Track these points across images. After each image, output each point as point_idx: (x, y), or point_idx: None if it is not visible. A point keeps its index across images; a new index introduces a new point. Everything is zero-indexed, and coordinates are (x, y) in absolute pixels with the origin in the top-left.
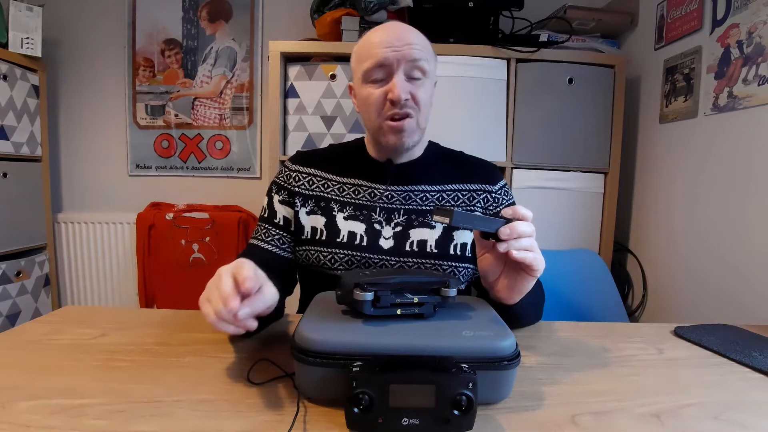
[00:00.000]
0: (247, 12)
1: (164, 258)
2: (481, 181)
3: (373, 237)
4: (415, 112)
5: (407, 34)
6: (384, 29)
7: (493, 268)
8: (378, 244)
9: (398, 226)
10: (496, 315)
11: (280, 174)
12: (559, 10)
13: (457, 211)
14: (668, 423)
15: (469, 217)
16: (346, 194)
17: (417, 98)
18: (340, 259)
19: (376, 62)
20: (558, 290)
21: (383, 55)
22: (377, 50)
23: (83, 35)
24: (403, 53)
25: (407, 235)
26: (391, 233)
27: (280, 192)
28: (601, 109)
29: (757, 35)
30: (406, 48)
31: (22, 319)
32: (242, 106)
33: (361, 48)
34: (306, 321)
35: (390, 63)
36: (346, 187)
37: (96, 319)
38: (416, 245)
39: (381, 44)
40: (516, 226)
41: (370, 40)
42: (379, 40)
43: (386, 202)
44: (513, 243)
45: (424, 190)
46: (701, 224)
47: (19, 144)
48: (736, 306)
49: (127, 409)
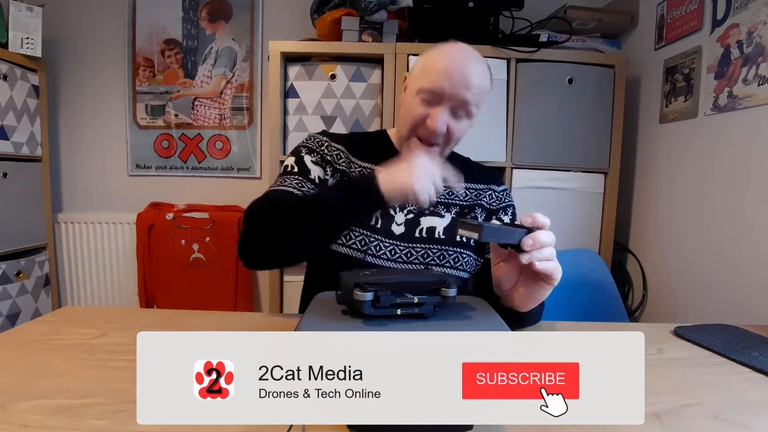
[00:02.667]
0: (247, 12)
1: (164, 258)
2: (487, 182)
3: (387, 221)
4: (444, 143)
5: (470, 75)
6: (452, 58)
7: (509, 277)
8: (390, 228)
9: (410, 213)
10: (496, 315)
11: (309, 140)
12: (559, 10)
13: (486, 225)
14: (668, 423)
15: (496, 230)
16: None
17: (452, 132)
18: (355, 237)
19: (431, 88)
20: (558, 290)
21: (440, 86)
22: (437, 78)
23: (83, 35)
24: (457, 94)
25: (418, 222)
26: (403, 219)
27: (312, 154)
28: (601, 109)
29: (757, 35)
30: (463, 90)
31: (22, 319)
32: (242, 106)
33: (426, 64)
34: (306, 321)
35: (442, 95)
36: (366, 171)
37: (96, 319)
38: (425, 232)
39: (443, 73)
40: (538, 237)
41: (437, 65)
42: (443, 68)
43: None
44: (535, 254)
45: None
46: (701, 224)
47: (19, 144)
48: (736, 306)
49: (127, 409)
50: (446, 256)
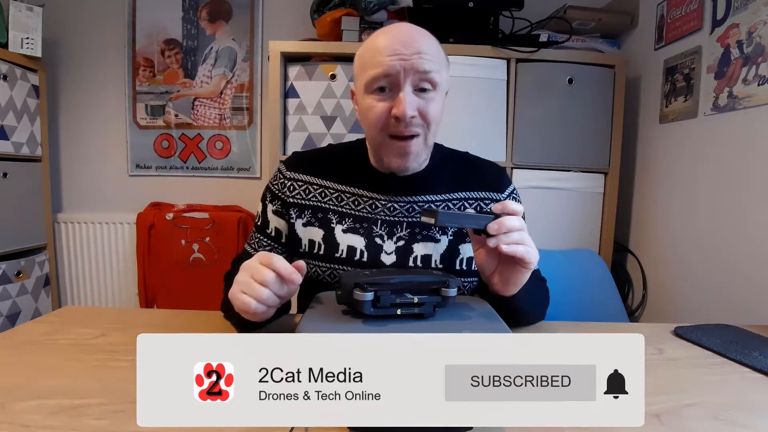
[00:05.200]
0: (247, 12)
1: (164, 258)
2: (489, 188)
3: (374, 252)
4: (423, 129)
5: (417, 40)
6: (391, 33)
7: (488, 263)
8: (380, 259)
9: (401, 240)
10: (496, 315)
11: (274, 180)
12: (559, 10)
13: (442, 211)
14: (668, 423)
15: (456, 216)
16: (344, 204)
17: (426, 114)
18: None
19: (380, 72)
20: (558, 290)
21: (389, 64)
22: (382, 58)
23: (83, 35)
24: (411, 63)
25: (410, 249)
26: (393, 248)
27: (274, 201)
28: (601, 109)
29: (757, 35)
30: (416, 57)
31: (22, 319)
32: (242, 106)
33: (365, 53)
34: (306, 321)
35: (396, 73)
36: (344, 196)
37: (96, 319)
38: (420, 260)
39: (387, 51)
40: (504, 221)
41: (375, 45)
42: (385, 46)
43: (388, 214)
44: (503, 238)
45: (429, 201)
46: (701, 224)
47: (19, 144)
48: (736, 306)
49: (127, 409)
50: None
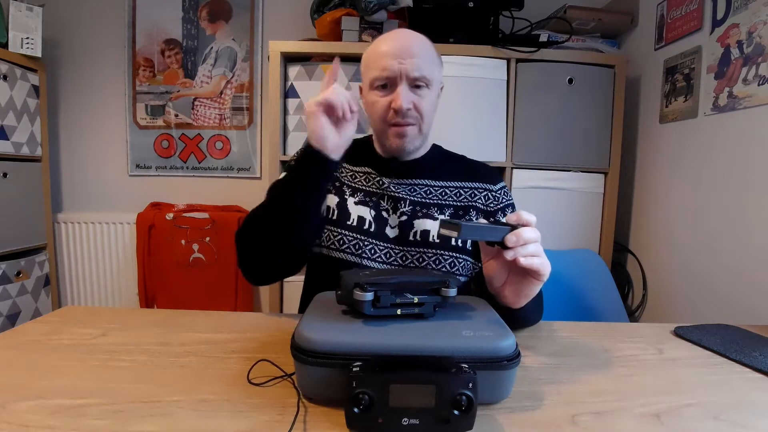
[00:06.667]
0: (247, 12)
1: (164, 258)
2: (482, 180)
3: (380, 224)
4: (417, 120)
5: (413, 47)
6: (391, 39)
7: (499, 274)
8: (384, 231)
9: (403, 215)
10: (496, 315)
11: None
12: (559, 10)
13: (464, 224)
14: (668, 423)
15: (476, 228)
16: (357, 181)
17: (419, 108)
18: (348, 242)
19: (381, 73)
20: (558, 290)
21: (388, 67)
22: (383, 61)
23: (83, 35)
24: (407, 67)
25: (411, 225)
26: (397, 222)
27: None
28: (601, 109)
29: (757, 35)
30: (410, 62)
31: (22, 319)
32: (242, 106)
33: (369, 56)
34: (306, 321)
35: (394, 75)
36: (357, 174)
37: (96, 319)
38: (419, 235)
39: (387, 55)
40: (522, 233)
41: (378, 50)
42: (386, 51)
43: (393, 191)
44: (520, 250)
45: (428, 185)
46: (701, 224)
47: (19, 144)
48: (736, 306)
49: (127, 409)
50: (442, 261)
